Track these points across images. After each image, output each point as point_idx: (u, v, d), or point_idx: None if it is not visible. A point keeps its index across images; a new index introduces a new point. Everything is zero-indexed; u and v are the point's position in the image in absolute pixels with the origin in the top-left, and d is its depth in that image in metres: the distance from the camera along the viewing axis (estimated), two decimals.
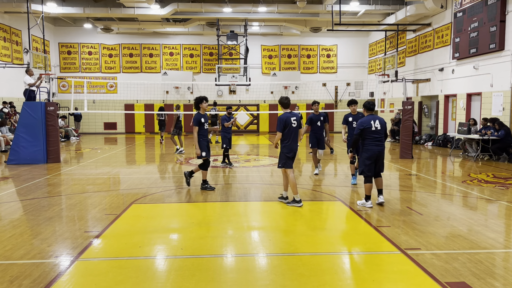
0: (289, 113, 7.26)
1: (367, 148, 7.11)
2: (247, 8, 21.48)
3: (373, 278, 4.30)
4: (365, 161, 7.12)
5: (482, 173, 10.89)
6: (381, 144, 7.14)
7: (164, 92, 26.84)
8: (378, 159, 7.15)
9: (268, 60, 27.68)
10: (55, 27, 26.49)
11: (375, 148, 7.06)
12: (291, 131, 7.19)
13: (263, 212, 7.25)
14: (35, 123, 12.85)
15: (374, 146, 7.07)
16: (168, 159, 14.43)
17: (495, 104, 14.98)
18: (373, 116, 7.20)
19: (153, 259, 4.93)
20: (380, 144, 7.13)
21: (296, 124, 7.22)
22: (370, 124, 7.06)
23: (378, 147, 7.08)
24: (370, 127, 7.05)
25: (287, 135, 7.18)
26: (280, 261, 4.80)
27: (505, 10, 14.30)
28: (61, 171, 11.49)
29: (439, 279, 4.23)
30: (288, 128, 7.15)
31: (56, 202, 7.77)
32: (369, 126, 7.05)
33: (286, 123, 7.14)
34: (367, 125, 7.05)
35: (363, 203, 7.30)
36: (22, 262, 4.72)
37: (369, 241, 5.57)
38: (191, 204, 7.67)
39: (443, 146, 17.84)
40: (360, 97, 27.49)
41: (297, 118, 7.27)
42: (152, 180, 10.21)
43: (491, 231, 5.83)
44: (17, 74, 20.25)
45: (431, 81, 19.77)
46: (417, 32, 21.16)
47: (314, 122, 10.47)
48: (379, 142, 7.11)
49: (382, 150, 7.16)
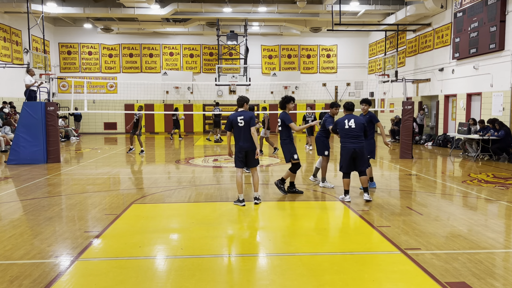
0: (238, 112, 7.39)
1: (343, 145, 7.56)
2: (247, 8, 21.48)
3: (373, 278, 4.30)
4: (342, 158, 7.60)
5: (482, 173, 10.89)
6: (357, 142, 7.43)
7: (164, 92, 26.84)
8: (355, 157, 7.44)
9: (268, 60, 27.69)
10: (55, 27, 26.49)
11: (350, 146, 7.43)
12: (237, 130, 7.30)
13: (263, 212, 7.24)
14: (35, 123, 12.85)
15: (349, 144, 7.45)
16: (169, 159, 14.43)
17: (495, 104, 14.98)
18: (350, 115, 7.60)
19: (153, 259, 4.93)
20: (356, 142, 7.43)
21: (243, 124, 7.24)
22: (344, 122, 7.52)
23: (353, 145, 7.42)
24: (344, 125, 7.52)
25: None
26: (280, 261, 4.80)
27: (505, 10, 14.30)
28: (61, 171, 11.49)
29: (439, 279, 4.23)
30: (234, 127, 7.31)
31: (56, 202, 7.77)
32: (343, 125, 7.53)
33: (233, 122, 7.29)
34: (341, 124, 7.59)
35: (342, 197, 7.65)
36: (22, 262, 4.72)
37: (369, 241, 5.57)
38: (191, 204, 7.67)
39: (443, 146, 17.83)
40: (360, 97, 27.50)
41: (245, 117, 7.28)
42: (152, 180, 10.20)
43: (491, 231, 5.83)
44: (17, 74, 20.26)
45: (431, 81, 19.78)
46: (417, 32, 21.17)
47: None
48: (355, 140, 7.43)
49: (358, 148, 7.42)
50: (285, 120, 8.06)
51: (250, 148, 7.30)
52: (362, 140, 7.51)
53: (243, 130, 7.23)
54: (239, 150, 7.32)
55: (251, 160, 7.36)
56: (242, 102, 7.47)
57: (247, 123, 7.21)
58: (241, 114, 7.29)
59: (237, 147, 7.35)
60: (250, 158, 7.37)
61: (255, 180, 7.53)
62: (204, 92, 26.97)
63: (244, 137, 7.25)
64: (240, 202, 7.33)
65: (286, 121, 8.05)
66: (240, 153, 7.32)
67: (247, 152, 7.32)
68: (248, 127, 7.21)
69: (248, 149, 7.29)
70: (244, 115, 7.26)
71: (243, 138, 7.25)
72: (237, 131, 7.28)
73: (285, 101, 8.20)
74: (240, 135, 7.27)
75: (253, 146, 7.29)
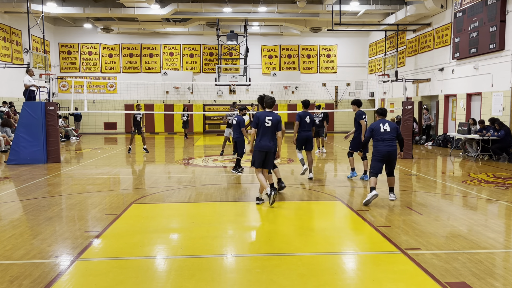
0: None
1: (376, 148, 7.62)
2: (247, 8, 21.48)
3: (373, 278, 4.30)
4: (373, 159, 7.67)
5: (482, 173, 10.89)
6: (390, 145, 7.53)
7: (164, 92, 26.84)
8: (388, 159, 7.58)
9: (268, 60, 27.69)
10: (55, 27, 26.49)
11: (384, 148, 7.52)
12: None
13: (263, 212, 7.24)
14: (35, 123, 12.85)
15: (382, 147, 7.53)
16: (169, 159, 14.43)
17: (495, 104, 14.98)
18: (384, 120, 7.78)
19: (153, 259, 4.93)
20: (389, 145, 7.53)
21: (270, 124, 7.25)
22: (379, 126, 7.62)
23: (387, 147, 7.52)
24: (379, 129, 7.60)
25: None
26: (280, 261, 4.80)
27: (505, 10, 14.30)
28: (61, 171, 11.49)
29: (439, 279, 4.23)
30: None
31: (56, 202, 7.77)
32: (379, 128, 7.61)
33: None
34: (376, 128, 7.64)
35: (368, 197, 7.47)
36: (22, 262, 4.72)
37: (369, 241, 5.57)
38: (191, 204, 7.67)
39: (443, 146, 17.84)
40: (360, 97, 27.50)
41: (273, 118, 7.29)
42: (152, 180, 10.21)
43: (491, 231, 5.83)
44: (17, 74, 20.25)
45: (431, 81, 19.78)
46: (417, 32, 21.17)
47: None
48: (389, 142, 7.54)
49: (391, 150, 7.53)
50: (239, 123, 8.30)
51: (272, 149, 7.28)
52: (395, 143, 7.64)
53: (269, 130, 7.21)
54: (260, 149, 7.26)
55: (270, 161, 7.35)
56: (273, 103, 7.41)
57: (274, 125, 7.22)
58: (269, 115, 7.26)
59: (259, 146, 7.27)
60: (269, 159, 7.34)
61: (270, 182, 7.55)
62: (204, 92, 26.96)
63: (268, 137, 7.22)
64: (259, 200, 7.40)
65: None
66: (261, 153, 7.27)
67: (268, 153, 7.28)
68: (275, 129, 7.23)
69: (270, 150, 7.27)
70: (272, 116, 7.26)
71: (267, 138, 7.21)
72: (262, 131, 7.22)
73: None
74: (264, 135, 7.22)
75: (274, 148, 7.30)
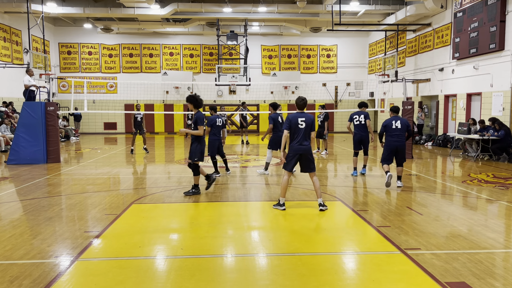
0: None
1: (387, 142, 8.88)
2: (247, 8, 21.48)
3: (373, 278, 4.30)
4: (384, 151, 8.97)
5: (482, 173, 10.89)
6: (400, 140, 8.77)
7: (164, 92, 26.84)
8: (397, 152, 8.83)
9: (268, 60, 27.69)
10: (55, 27, 26.49)
11: (394, 143, 8.79)
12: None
13: (263, 212, 7.24)
14: (35, 123, 12.85)
15: (393, 142, 8.79)
16: (168, 159, 14.43)
17: (495, 104, 14.98)
18: (396, 117, 8.94)
19: (153, 259, 4.93)
20: (399, 140, 8.77)
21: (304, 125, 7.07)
22: (392, 123, 8.81)
23: (397, 142, 8.78)
24: (391, 125, 8.80)
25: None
26: (280, 261, 4.80)
27: (505, 10, 14.30)
28: (61, 171, 11.49)
29: (439, 279, 4.23)
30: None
31: (56, 202, 7.77)
32: (391, 125, 8.81)
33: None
34: (389, 124, 8.85)
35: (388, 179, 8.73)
36: (22, 262, 4.72)
37: (369, 241, 5.57)
38: (191, 204, 7.67)
39: (443, 146, 17.84)
40: (360, 97, 27.51)
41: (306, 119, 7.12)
42: (152, 180, 10.21)
43: (491, 231, 5.83)
44: (17, 74, 20.25)
45: (431, 81, 19.78)
46: (417, 32, 21.17)
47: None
48: (399, 138, 8.78)
49: (400, 144, 8.78)
50: (197, 121, 7.99)
51: (308, 151, 7.05)
52: (403, 138, 8.82)
53: (302, 131, 6.99)
54: (295, 152, 7.05)
55: (307, 163, 7.05)
56: (304, 104, 7.20)
57: (308, 126, 7.01)
58: (302, 116, 7.05)
59: (293, 149, 7.07)
60: (305, 161, 7.06)
61: (316, 186, 7.13)
62: (204, 92, 26.94)
63: (303, 139, 6.99)
64: (281, 206, 7.08)
65: (198, 122, 7.98)
66: (295, 156, 7.05)
67: (303, 154, 7.03)
68: (309, 130, 7.03)
69: (305, 151, 7.02)
70: (305, 117, 7.04)
71: (302, 139, 6.99)
72: (296, 132, 7.02)
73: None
74: (298, 137, 7.00)
75: (310, 149, 7.08)
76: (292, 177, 10.44)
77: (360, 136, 10.22)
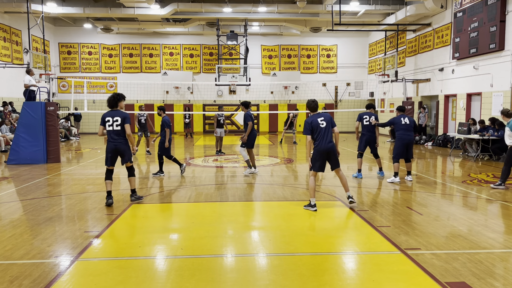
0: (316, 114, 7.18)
1: (399, 137, 9.60)
2: (247, 8, 21.48)
3: (373, 278, 4.30)
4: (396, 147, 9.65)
5: (482, 173, 10.89)
6: (410, 135, 9.55)
7: (164, 92, 26.84)
8: (408, 146, 9.57)
9: (268, 60, 27.69)
10: (55, 27, 26.49)
11: (405, 137, 9.54)
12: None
13: (263, 212, 7.25)
14: (35, 123, 12.86)
15: (405, 136, 9.55)
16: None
17: (495, 104, 14.98)
18: (404, 115, 9.76)
19: (153, 259, 4.93)
20: (409, 134, 9.55)
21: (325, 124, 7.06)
22: (401, 120, 9.65)
23: (408, 136, 9.55)
24: (400, 122, 9.62)
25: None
26: (280, 261, 4.80)
27: (505, 10, 14.30)
28: (61, 171, 11.49)
29: (439, 279, 4.23)
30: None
31: (56, 202, 7.77)
32: (400, 121, 9.64)
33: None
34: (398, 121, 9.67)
35: (392, 179, 9.51)
36: (22, 262, 4.72)
37: (369, 241, 5.57)
38: (191, 204, 7.67)
39: (443, 146, 17.83)
40: (360, 97, 27.51)
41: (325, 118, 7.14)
42: (152, 180, 10.21)
43: (491, 231, 5.83)
44: (17, 74, 20.26)
45: (431, 81, 19.78)
46: (417, 32, 21.17)
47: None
48: (409, 132, 9.56)
49: (410, 139, 9.55)
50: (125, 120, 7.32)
51: (333, 148, 7.03)
52: (413, 134, 9.63)
53: (324, 130, 6.97)
54: (322, 152, 6.99)
55: (335, 161, 7.07)
56: (316, 105, 7.21)
57: (328, 123, 7.01)
58: (320, 116, 7.06)
59: (319, 150, 6.99)
60: (333, 158, 7.07)
61: (344, 181, 7.23)
62: (204, 92, 26.96)
63: (327, 138, 6.98)
64: (312, 207, 7.00)
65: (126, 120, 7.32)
66: (322, 155, 7.00)
67: (330, 152, 7.00)
68: (330, 126, 7.01)
69: (331, 149, 7.01)
70: (323, 116, 7.05)
71: (326, 138, 6.97)
72: (319, 133, 6.97)
73: (118, 99, 7.47)
74: (322, 137, 6.97)
75: (335, 146, 7.07)
76: (293, 178, 10.44)
77: (368, 136, 10.06)
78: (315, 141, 7.01)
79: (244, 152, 10.50)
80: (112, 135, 7.33)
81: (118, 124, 7.28)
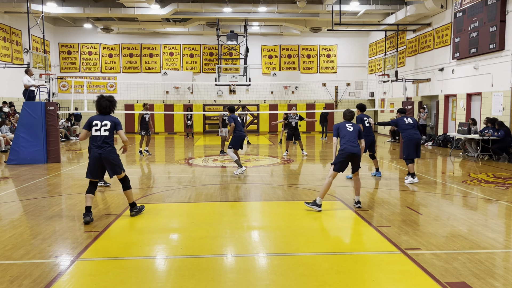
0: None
1: (407, 137, 9.59)
2: (247, 8, 21.47)
3: (373, 278, 4.30)
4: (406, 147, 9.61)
5: (482, 173, 10.89)
6: (417, 134, 9.62)
7: (164, 92, 26.84)
8: (417, 146, 9.55)
9: (268, 60, 27.68)
10: (55, 27, 26.49)
11: (415, 136, 9.58)
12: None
13: (263, 212, 7.25)
14: (35, 123, 12.85)
15: (413, 134, 9.58)
16: (169, 159, 14.43)
17: (495, 104, 14.97)
18: (406, 116, 9.95)
19: (153, 259, 4.93)
20: (416, 133, 9.63)
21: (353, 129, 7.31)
22: (404, 120, 9.81)
23: (416, 135, 9.61)
24: (404, 122, 9.78)
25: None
26: (280, 261, 4.80)
27: (505, 10, 14.30)
28: (61, 171, 11.49)
29: (439, 279, 4.23)
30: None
31: (56, 202, 7.77)
32: (404, 122, 9.79)
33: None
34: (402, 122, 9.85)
35: (410, 180, 9.47)
36: (22, 262, 4.72)
37: (369, 241, 5.57)
38: (191, 204, 7.67)
39: (443, 146, 17.83)
40: (360, 97, 27.51)
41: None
42: (152, 180, 10.21)
43: (491, 231, 5.83)
44: (17, 74, 20.24)
45: (431, 81, 19.77)
46: (417, 32, 21.17)
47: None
48: (416, 131, 9.68)
49: (419, 138, 9.61)
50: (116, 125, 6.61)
51: (358, 152, 7.14)
52: (419, 132, 9.76)
53: (351, 133, 7.18)
54: (347, 152, 7.06)
55: (357, 164, 7.19)
56: (352, 117, 7.51)
57: (356, 130, 7.23)
58: (349, 123, 7.34)
59: (345, 151, 7.07)
60: (356, 162, 7.17)
61: (357, 185, 7.31)
62: (204, 92, 26.96)
63: (353, 140, 7.15)
64: (318, 206, 6.98)
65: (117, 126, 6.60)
66: (345, 158, 7.08)
67: (355, 155, 7.08)
68: (356, 133, 7.21)
69: (356, 152, 7.09)
70: (353, 124, 7.32)
71: (353, 140, 7.14)
72: (345, 136, 7.16)
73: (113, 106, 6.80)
74: (350, 138, 7.14)
75: (360, 150, 7.23)
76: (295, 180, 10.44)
77: (370, 137, 10.07)
78: (341, 143, 7.21)
79: (232, 153, 10.63)
80: (98, 141, 6.35)
81: (107, 129, 6.40)
